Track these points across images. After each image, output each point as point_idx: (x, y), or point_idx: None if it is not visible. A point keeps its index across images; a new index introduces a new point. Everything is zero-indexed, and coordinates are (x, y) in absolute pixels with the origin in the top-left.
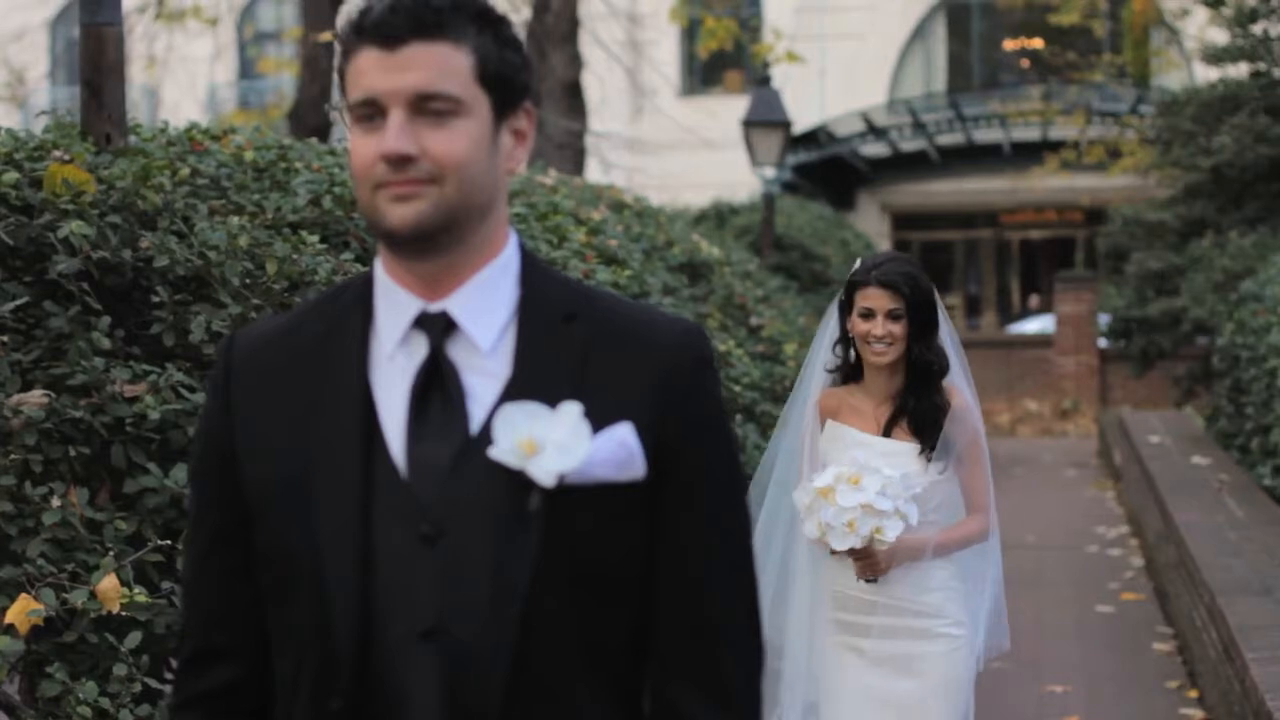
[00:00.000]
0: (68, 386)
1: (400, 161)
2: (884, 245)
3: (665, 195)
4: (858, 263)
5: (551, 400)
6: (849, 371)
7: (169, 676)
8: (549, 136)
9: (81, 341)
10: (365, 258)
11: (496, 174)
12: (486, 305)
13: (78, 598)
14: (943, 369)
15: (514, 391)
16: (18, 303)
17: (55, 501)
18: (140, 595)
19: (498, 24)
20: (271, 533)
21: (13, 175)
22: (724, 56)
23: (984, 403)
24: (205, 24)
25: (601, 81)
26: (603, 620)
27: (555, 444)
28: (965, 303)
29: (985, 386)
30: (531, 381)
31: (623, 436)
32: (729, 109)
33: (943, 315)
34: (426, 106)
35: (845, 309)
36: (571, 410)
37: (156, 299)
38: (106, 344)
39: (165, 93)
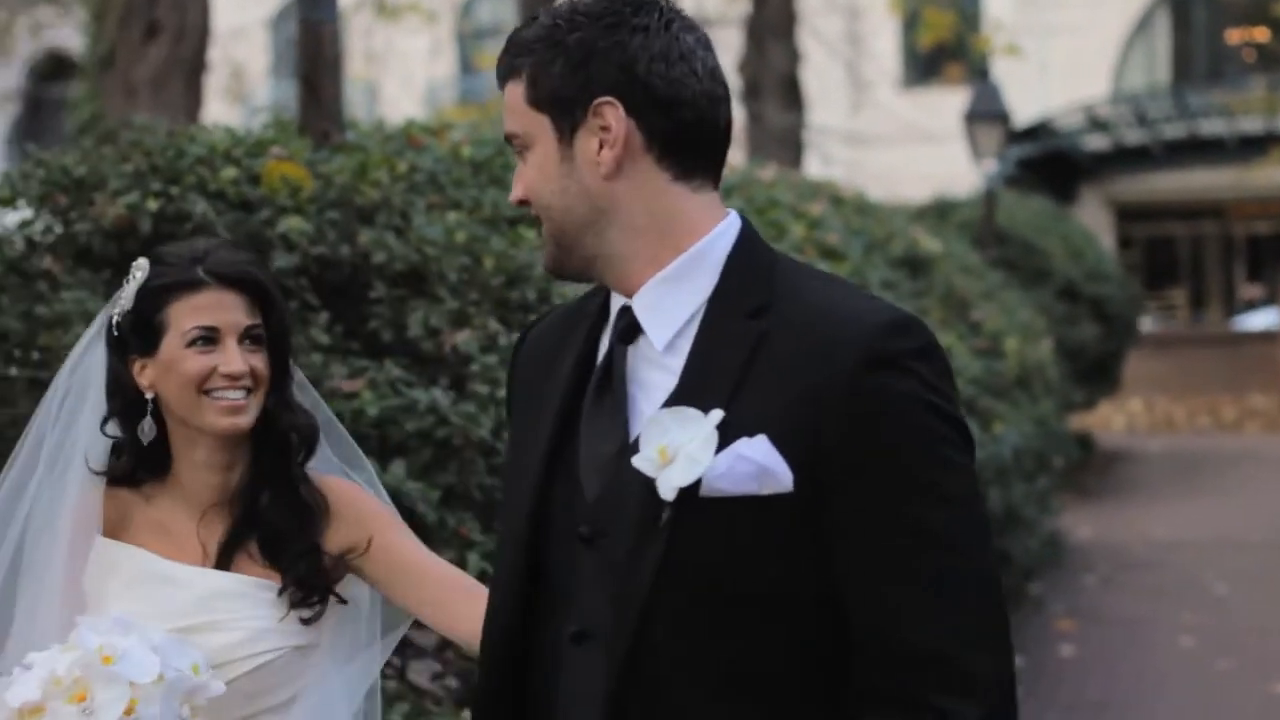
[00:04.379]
0: None
1: (522, 203)
2: (1107, 240)
3: (885, 189)
4: (140, 262)
5: (710, 403)
6: (142, 461)
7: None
8: (768, 130)
9: (300, 337)
10: None
11: (581, 185)
12: (667, 302)
13: None
14: (312, 438)
15: (681, 392)
16: None
17: None
18: None
19: (556, 31)
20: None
21: (232, 171)
22: (944, 49)
23: (1208, 397)
24: (423, 19)
25: (820, 74)
26: (752, 641)
27: (686, 455)
28: (1190, 297)
29: (1211, 382)
30: (698, 382)
31: (741, 450)
32: (949, 102)
33: None
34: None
35: (135, 344)
36: (708, 420)
37: (374, 295)
38: (325, 339)
39: (385, 89)
